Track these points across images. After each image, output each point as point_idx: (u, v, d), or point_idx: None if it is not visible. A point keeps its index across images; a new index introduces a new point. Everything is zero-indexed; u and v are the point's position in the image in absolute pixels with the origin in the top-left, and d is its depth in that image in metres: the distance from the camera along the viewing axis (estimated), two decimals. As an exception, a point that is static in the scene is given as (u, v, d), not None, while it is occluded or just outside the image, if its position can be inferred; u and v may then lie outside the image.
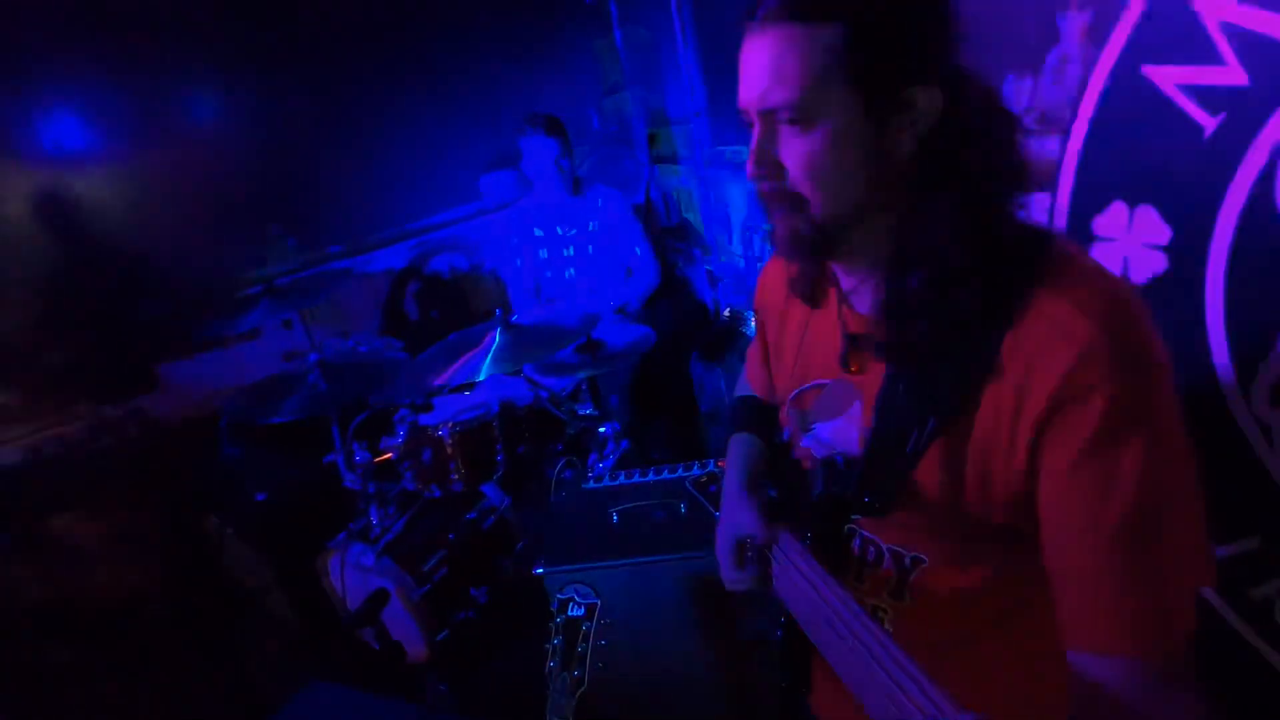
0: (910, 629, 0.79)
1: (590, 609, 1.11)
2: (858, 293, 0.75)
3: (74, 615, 2.54)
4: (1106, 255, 1.20)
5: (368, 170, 2.89)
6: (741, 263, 2.86)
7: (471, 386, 2.24)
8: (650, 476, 1.77)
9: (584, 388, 2.26)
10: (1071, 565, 0.61)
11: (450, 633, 2.02)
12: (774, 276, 0.94)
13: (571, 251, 2.66)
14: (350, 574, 2.00)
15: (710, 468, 1.77)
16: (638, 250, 2.66)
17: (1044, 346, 0.60)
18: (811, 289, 0.81)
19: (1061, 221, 1.27)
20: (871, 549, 0.81)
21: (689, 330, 2.91)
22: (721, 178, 2.87)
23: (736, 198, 2.80)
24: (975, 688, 0.63)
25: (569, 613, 1.12)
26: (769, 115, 0.64)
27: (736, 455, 0.99)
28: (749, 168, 0.67)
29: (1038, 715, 0.76)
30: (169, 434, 2.67)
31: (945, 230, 0.64)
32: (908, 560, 0.78)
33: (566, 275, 2.70)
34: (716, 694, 1.54)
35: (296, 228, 2.88)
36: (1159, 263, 1.13)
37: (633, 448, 2.38)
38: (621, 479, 1.78)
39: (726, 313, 2.93)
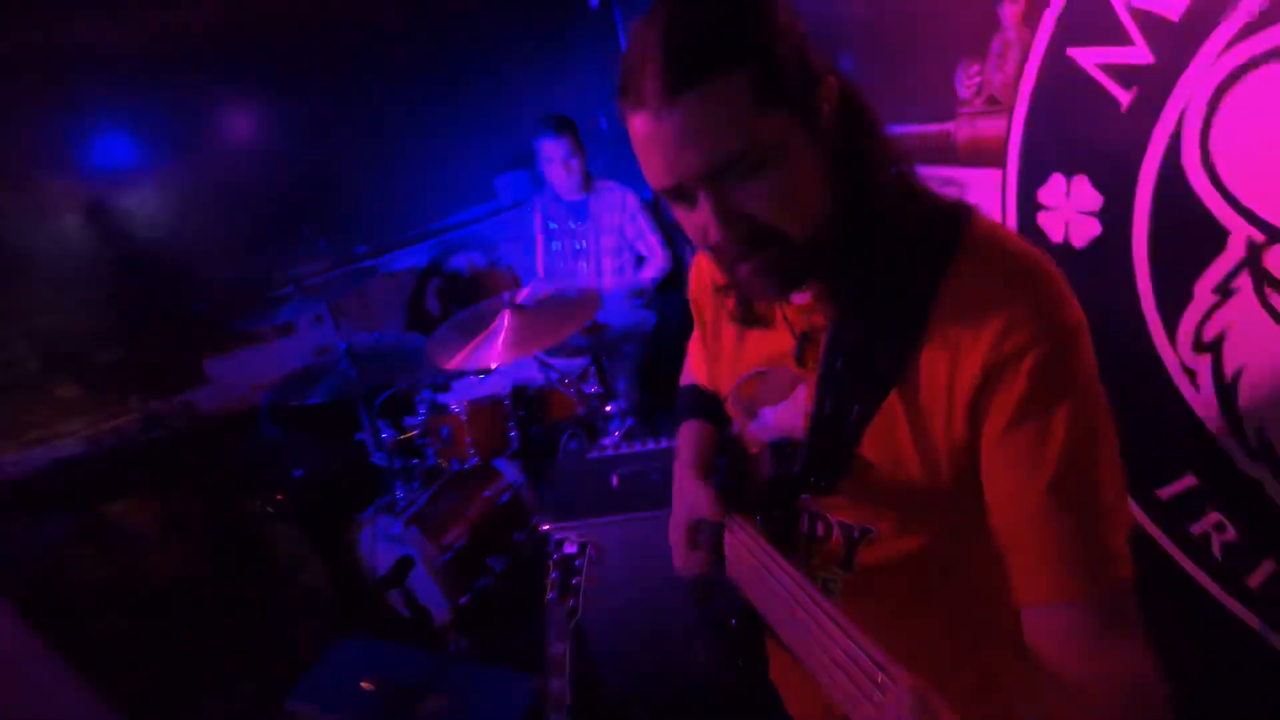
0: (860, 597, 0.81)
1: (582, 546, 1.26)
2: (802, 297, 0.76)
3: (130, 591, 2.77)
4: (1051, 223, 1.31)
5: (391, 175, 3.09)
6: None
7: (488, 370, 2.40)
8: (650, 446, 1.91)
9: (592, 370, 2.40)
10: (1015, 523, 0.64)
11: (471, 598, 2.19)
12: (707, 270, 0.94)
13: (583, 245, 2.82)
14: (379, 544, 2.17)
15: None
16: (648, 240, 2.80)
17: (972, 315, 0.63)
18: (747, 311, 0.81)
19: (1012, 193, 1.38)
20: (820, 524, 0.82)
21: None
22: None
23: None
24: (923, 648, 0.64)
25: (563, 551, 1.26)
26: (717, 177, 0.61)
27: (686, 442, 1.00)
28: (714, 235, 0.64)
29: (985, 671, 0.80)
30: (214, 424, 2.88)
31: (883, 191, 0.67)
32: (856, 532, 0.79)
33: (579, 267, 2.86)
34: (698, 634, 1.67)
35: (326, 230, 3.08)
36: (1094, 228, 1.24)
37: (639, 425, 2.52)
38: (624, 449, 1.92)
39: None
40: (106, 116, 2.64)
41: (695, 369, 1.09)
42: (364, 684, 1.66)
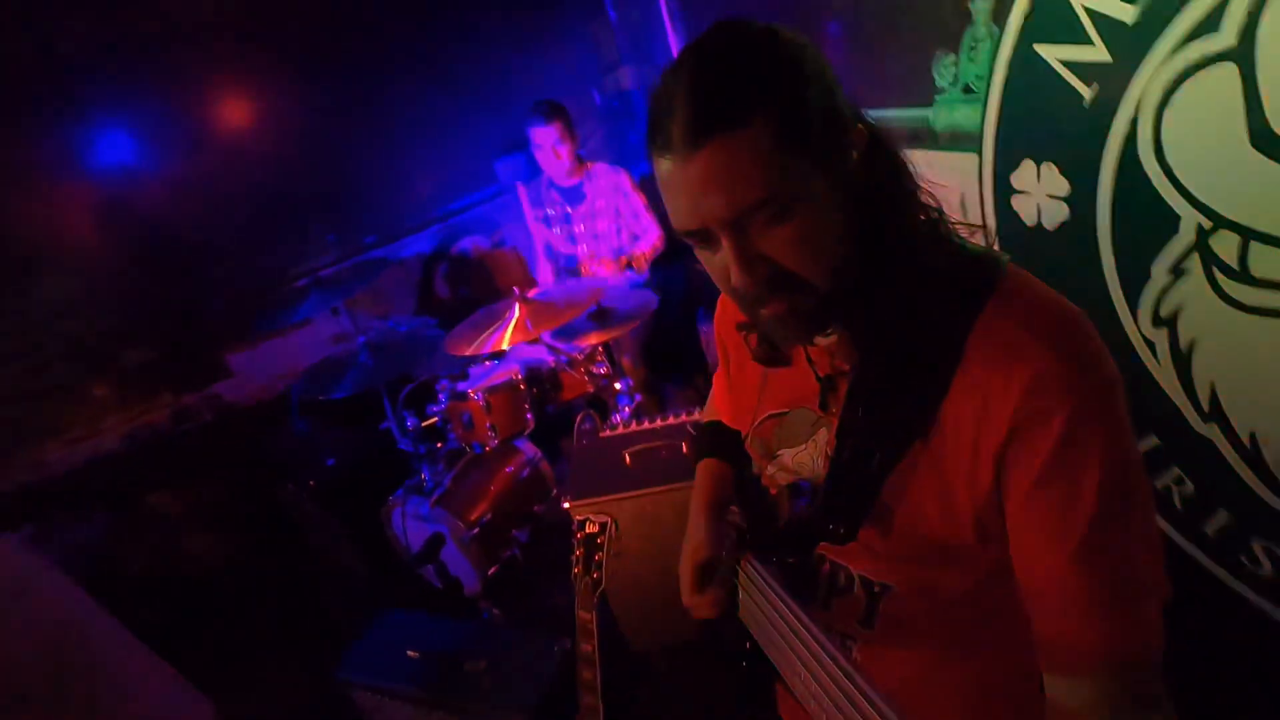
0: (879, 657, 0.78)
1: (603, 525, 1.39)
2: (826, 339, 0.75)
3: (175, 577, 2.94)
4: (1024, 206, 1.40)
5: (394, 165, 3.16)
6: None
7: (501, 355, 2.52)
8: (658, 422, 2.04)
9: (600, 350, 2.51)
10: (1040, 587, 0.62)
11: (499, 568, 2.35)
12: (731, 307, 0.92)
13: (580, 227, 2.90)
14: (410, 523, 2.33)
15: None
16: (642, 218, 2.88)
17: (1001, 366, 0.60)
18: (770, 351, 0.79)
19: (988, 177, 1.46)
20: (841, 575, 0.79)
21: (698, 290, 3.14)
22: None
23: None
24: (944, 713, 0.64)
25: (585, 530, 1.40)
26: (740, 222, 0.61)
27: (702, 481, 0.98)
28: (736, 279, 0.63)
29: None
30: (241, 415, 3.02)
31: (913, 240, 0.66)
32: (876, 588, 0.76)
33: (577, 248, 2.94)
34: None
35: (335, 223, 3.17)
36: (1063, 212, 1.33)
37: (647, 400, 2.65)
38: (634, 426, 2.05)
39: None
40: (120, 118, 2.70)
41: (719, 406, 1.06)
42: (410, 653, 1.81)
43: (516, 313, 2.02)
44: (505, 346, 1.97)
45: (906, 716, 0.51)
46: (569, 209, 2.91)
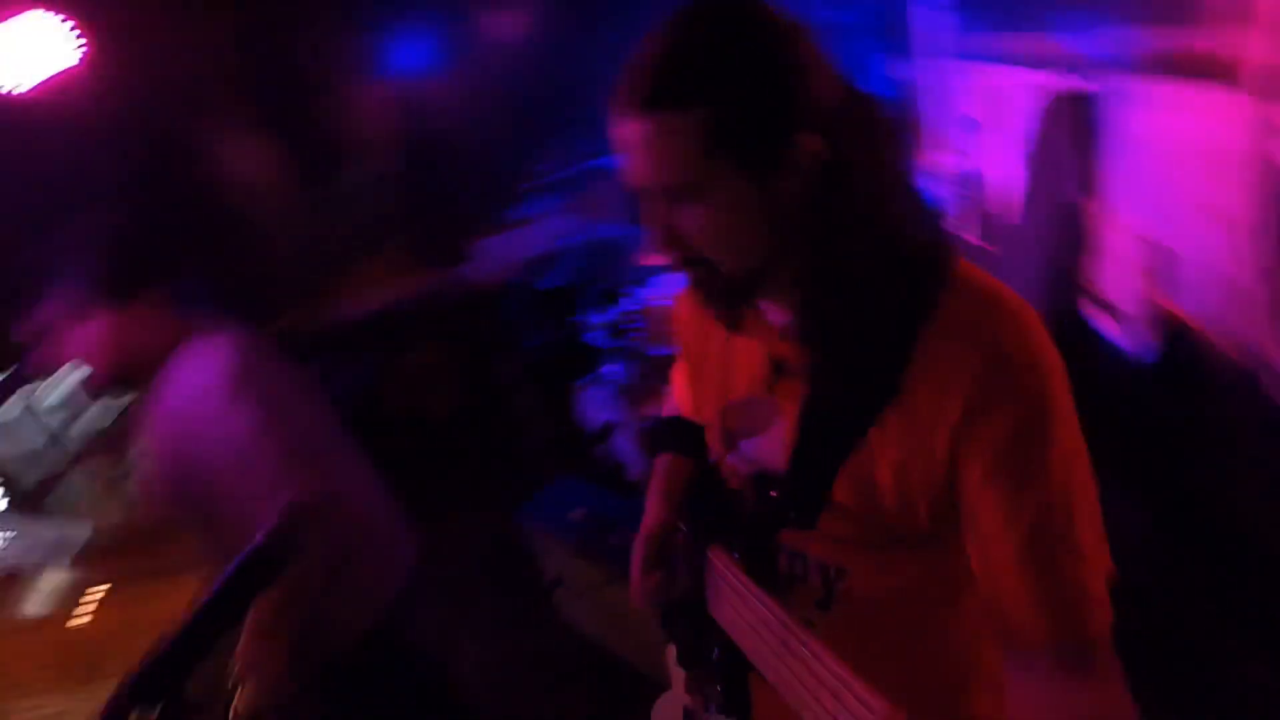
0: (838, 639, 0.75)
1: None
2: (777, 317, 0.77)
3: (416, 420, 3.56)
4: None
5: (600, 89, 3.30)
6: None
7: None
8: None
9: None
10: (995, 568, 0.64)
11: (662, 462, 2.56)
12: (691, 298, 0.90)
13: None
14: (591, 408, 2.62)
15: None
16: None
17: (953, 358, 0.63)
18: (730, 319, 0.80)
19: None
20: (799, 563, 0.81)
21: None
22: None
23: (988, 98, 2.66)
24: (905, 693, 0.63)
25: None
26: (663, 194, 0.66)
27: (659, 474, 1.00)
28: (654, 244, 0.70)
29: (963, 704, 0.80)
30: (476, 294, 3.50)
31: (851, 253, 0.66)
32: (832, 572, 0.78)
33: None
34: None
35: (574, 130, 3.43)
36: None
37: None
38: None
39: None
40: (408, 27, 3.13)
41: (679, 399, 1.07)
42: (575, 513, 2.12)
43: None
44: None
45: (878, 692, 0.52)
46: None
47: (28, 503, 2.17)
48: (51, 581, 1.77)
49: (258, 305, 3.45)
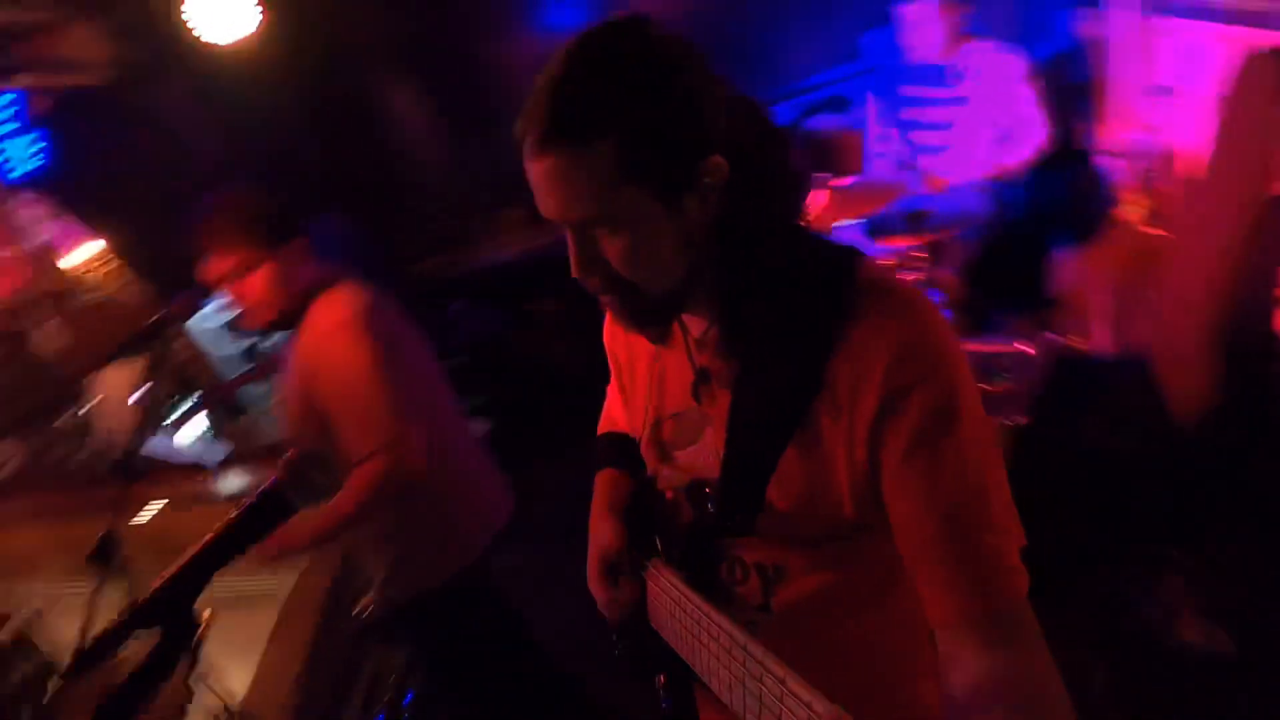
0: (780, 640, 0.77)
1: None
2: (700, 328, 0.79)
3: (539, 369, 3.74)
4: None
5: (760, 33, 3.18)
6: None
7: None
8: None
9: (912, 255, 2.35)
10: (917, 549, 0.67)
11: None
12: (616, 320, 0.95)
13: (940, 115, 2.61)
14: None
15: (1009, 345, 1.82)
16: (1023, 117, 2.42)
17: (865, 352, 0.66)
18: (656, 335, 0.83)
19: None
20: (738, 568, 0.83)
21: (1072, 209, 2.64)
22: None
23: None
24: (851, 686, 0.63)
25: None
26: (577, 226, 0.68)
27: (599, 490, 1.01)
28: (574, 272, 0.71)
29: (918, 704, 0.82)
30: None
31: (763, 262, 0.70)
32: (770, 571, 0.80)
33: (932, 140, 2.67)
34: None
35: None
36: None
37: (960, 321, 2.44)
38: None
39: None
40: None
41: (615, 415, 1.08)
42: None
43: (820, 200, 2.00)
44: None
45: (820, 694, 0.53)
46: (930, 92, 2.61)
47: (221, 403, 2.57)
48: (233, 473, 2.09)
49: (407, 250, 3.79)
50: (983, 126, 2.51)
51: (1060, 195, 2.50)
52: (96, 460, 2.37)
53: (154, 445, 2.11)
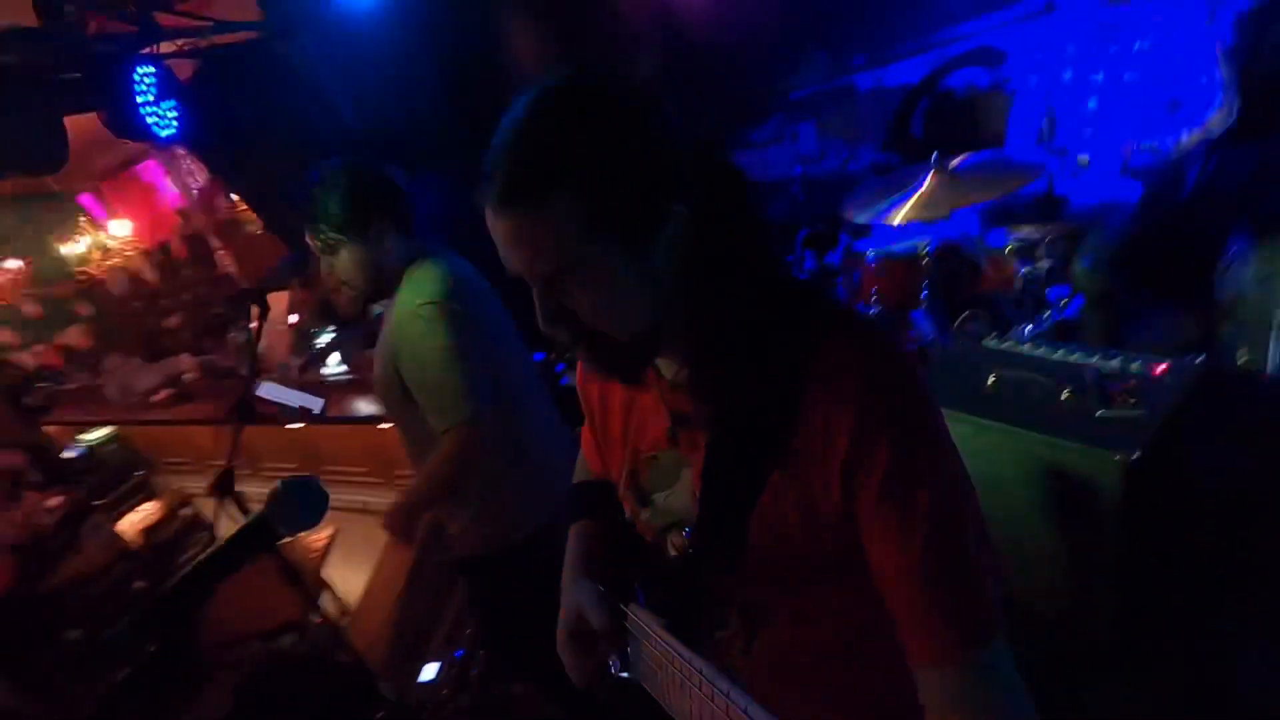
0: (763, 682, 0.79)
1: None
2: (672, 370, 0.78)
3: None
4: None
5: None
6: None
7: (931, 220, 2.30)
8: (1058, 354, 1.69)
9: (1044, 241, 2.08)
10: (896, 590, 0.66)
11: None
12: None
13: (1101, 77, 2.24)
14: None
15: (1136, 364, 1.58)
16: (1199, 79, 2.06)
17: (836, 393, 0.65)
18: (629, 381, 0.81)
19: None
20: (720, 611, 0.82)
21: (1255, 196, 2.21)
22: None
23: None
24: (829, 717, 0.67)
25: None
26: (540, 281, 0.68)
27: (572, 546, 0.97)
28: (541, 327, 0.71)
29: None
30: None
31: (731, 304, 0.70)
32: (754, 615, 0.80)
33: (1088, 106, 2.31)
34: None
35: (829, 39, 3.12)
36: None
37: (1092, 318, 2.15)
38: (1026, 348, 1.75)
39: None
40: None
41: (589, 460, 1.06)
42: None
43: (927, 182, 1.79)
44: (896, 222, 1.79)
45: None
46: (1098, 46, 2.23)
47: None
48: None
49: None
50: (1147, 90, 2.13)
51: (1242, 179, 2.08)
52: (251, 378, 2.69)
53: (266, 389, 2.35)
